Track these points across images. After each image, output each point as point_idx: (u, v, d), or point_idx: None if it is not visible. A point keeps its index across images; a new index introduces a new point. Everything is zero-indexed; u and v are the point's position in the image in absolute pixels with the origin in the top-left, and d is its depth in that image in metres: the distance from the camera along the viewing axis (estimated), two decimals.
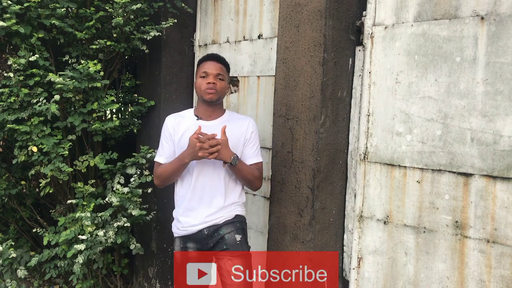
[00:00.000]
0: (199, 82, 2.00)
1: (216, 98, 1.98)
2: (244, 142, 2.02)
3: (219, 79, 1.98)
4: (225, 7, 2.84)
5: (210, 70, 1.97)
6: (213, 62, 2.01)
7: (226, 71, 2.05)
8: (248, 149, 2.02)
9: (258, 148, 2.07)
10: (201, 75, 1.99)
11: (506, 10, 1.63)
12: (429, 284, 1.87)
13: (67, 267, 2.73)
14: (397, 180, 1.96)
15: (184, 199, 2.00)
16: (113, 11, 2.54)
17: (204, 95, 1.97)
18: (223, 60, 2.06)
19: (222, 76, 2.00)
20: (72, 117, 2.53)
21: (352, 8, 2.08)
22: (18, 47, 2.47)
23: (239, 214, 2.03)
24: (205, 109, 2.03)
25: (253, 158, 2.03)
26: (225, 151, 1.86)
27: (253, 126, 2.05)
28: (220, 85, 1.98)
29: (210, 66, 1.99)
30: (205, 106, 2.02)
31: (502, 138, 1.66)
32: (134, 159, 2.72)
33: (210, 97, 1.96)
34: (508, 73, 1.63)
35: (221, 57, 2.08)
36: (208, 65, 2.00)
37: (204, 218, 1.96)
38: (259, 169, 2.04)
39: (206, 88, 1.96)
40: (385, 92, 1.98)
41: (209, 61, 2.02)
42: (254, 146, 2.04)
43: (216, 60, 2.03)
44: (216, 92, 1.97)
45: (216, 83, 1.97)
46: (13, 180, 2.88)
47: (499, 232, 1.68)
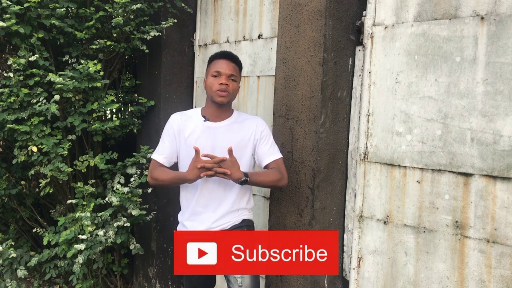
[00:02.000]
0: (210, 81, 1.88)
1: (227, 101, 1.88)
2: (255, 142, 1.93)
3: (232, 80, 1.87)
4: (225, 7, 2.84)
5: (223, 69, 1.86)
6: (226, 61, 1.88)
7: (239, 71, 1.94)
8: (261, 148, 1.93)
9: (273, 144, 1.96)
10: (213, 74, 1.87)
11: (506, 10, 1.63)
12: (429, 284, 1.87)
13: (67, 267, 2.73)
14: (397, 180, 1.96)
15: (190, 203, 1.93)
16: (113, 11, 2.54)
17: (215, 96, 1.86)
18: (237, 59, 1.94)
19: (235, 77, 1.89)
20: (72, 117, 2.53)
21: (352, 8, 2.08)
22: (18, 47, 2.47)
23: (246, 219, 1.97)
24: (214, 110, 1.92)
25: (270, 156, 1.92)
26: (233, 171, 1.75)
27: (262, 125, 1.96)
28: (232, 86, 1.88)
29: (224, 65, 1.87)
30: (214, 107, 1.91)
31: (502, 138, 1.66)
32: (134, 159, 2.72)
33: (221, 100, 1.86)
34: (508, 73, 1.63)
35: (235, 55, 1.95)
36: (222, 64, 1.87)
37: (210, 224, 1.90)
38: (279, 167, 1.92)
39: (218, 90, 1.85)
40: (385, 92, 1.98)
41: (222, 59, 1.89)
42: (268, 144, 1.94)
43: (230, 59, 1.90)
44: (228, 94, 1.86)
45: (229, 84, 1.86)
46: (13, 180, 2.88)
47: (499, 232, 1.67)
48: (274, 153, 1.94)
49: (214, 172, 1.74)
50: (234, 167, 1.77)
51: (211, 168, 1.73)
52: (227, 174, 1.74)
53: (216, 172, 1.74)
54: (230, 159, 1.77)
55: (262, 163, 1.94)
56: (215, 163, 1.73)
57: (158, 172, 1.92)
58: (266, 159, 1.92)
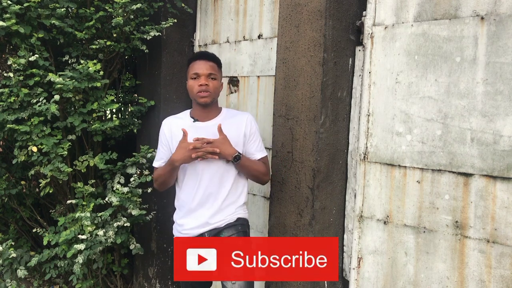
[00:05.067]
0: (190, 84, 1.91)
1: (210, 100, 1.91)
2: (245, 139, 1.95)
3: (211, 79, 1.90)
4: (225, 7, 2.84)
5: (200, 70, 1.88)
6: (203, 61, 1.90)
7: (218, 68, 1.95)
8: (250, 146, 1.96)
9: (261, 142, 2.01)
10: (192, 77, 1.90)
11: (506, 10, 1.63)
12: (429, 284, 1.87)
13: (67, 267, 2.73)
14: (397, 180, 1.96)
15: (186, 203, 1.95)
16: (113, 11, 2.54)
17: (197, 98, 1.90)
18: (213, 57, 1.96)
19: (214, 75, 1.91)
20: (72, 117, 2.53)
21: (352, 8, 2.08)
22: (18, 47, 2.47)
23: (241, 217, 1.98)
24: (201, 111, 1.96)
25: (258, 153, 1.97)
26: (225, 148, 1.81)
27: (252, 121, 1.98)
28: (213, 85, 1.90)
29: (201, 65, 1.89)
30: (200, 108, 1.95)
31: (502, 138, 1.66)
32: (134, 159, 2.72)
33: (204, 101, 1.89)
34: (508, 73, 1.63)
35: (210, 54, 1.97)
36: (199, 64, 1.90)
37: (205, 221, 1.91)
38: (265, 163, 1.99)
39: (199, 92, 1.88)
40: (385, 92, 1.98)
41: (198, 60, 1.92)
42: (257, 141, 1.98)
43: (206, 59, 1.92)
44: (210, 94, 1.89)
45: (209, 84, 1.88)
46: (13, 180, 2.88)
47: (499, 232, 1.67)
48: (262, 151, 2.01)
49: (204, 153, 1.77)
50: (225, 144, 1.82)
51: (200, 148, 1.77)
52: (217, 152, 1.78)
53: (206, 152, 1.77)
54: (221, 137, 1.82)
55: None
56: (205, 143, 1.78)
57: (155, 173, 2.02)
58: (254, 155, 1.98)
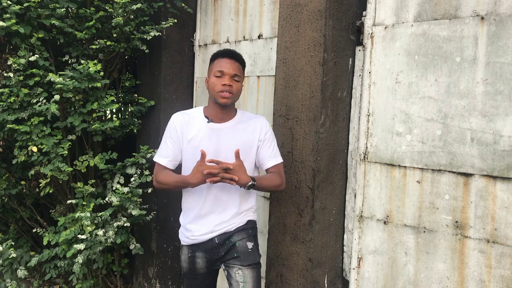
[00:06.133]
0: (213, 82, 1.80)
1: (231, 102, 1.81)
2: (259, 143, 1.89)
3: (235, 81, 1.80)
4: (225, 7, 2.84)
5: (226, 69, 1.78)
6: (230, 60, 1.80)
7: (242, 70, 1.87)
8: (264, 151, 1.89)
9: (276, 148, 1.93)
10: (215, 74, 1.79)
11: (506, 10, 1.63)
12: (429, 284, 1.87)
13: (67, 267, 2.73)
14: (397, 180, 1.96)
15: (195, 207, 1.88)
16: (113, 11, 2.54)
17: (218, 98, 1.79)
18: (240, 58, 1.86)
19: (239, 77, 1.82)
20: (72, 117, 2.53)
21: (352, 8, 2.08)
22: (18, 47, 2.47)
23: (251, 220, 1.95)
24: (217, 111, 1.86)
25: (272, 159, 1.90)
26: (239, 175, 1.70)
27: (267, 126, 1.92)
28: (236, 87, 1.81)
29: (227, 64, 1.79)
30: (217, 108, 1.85)
31: (502, 138, 1.66)
32: (134, 159, 2.72)
33: (224, 102, 1.79)
34: (508, 73, 1.63)
35: (238, 54, 1.87)
36: (225, 63, 1.79)
37: (215, 226, 1.86)
38: (279, 171, 1.90)
39: (221, 91, 1.77)
40: (385, 92, 1.98)
41: (226, 58, 1.81)
42: (271, 147, 1.91)
43: (234, 58, 1.82)
44: (232, 96, 1.79)
45: (233, 85, 1.79)
46: (13, 180, 2.88)
47: (499, 232, 1.67)
48: (276, 157, 1.92)
49: (220, 178, 1.68)
50: (241, 171, 1.71)
51: (217, 174, 1.68)
52: (235, 180, 1.68)
53: (222, 178, 1.69)
54: (237, 163, 1.71)
55: (263, 166, 1.93)
56: (221, 169, 1.68)
57: (162, 176, 1.87)
58: (268, 162, 1.90)
